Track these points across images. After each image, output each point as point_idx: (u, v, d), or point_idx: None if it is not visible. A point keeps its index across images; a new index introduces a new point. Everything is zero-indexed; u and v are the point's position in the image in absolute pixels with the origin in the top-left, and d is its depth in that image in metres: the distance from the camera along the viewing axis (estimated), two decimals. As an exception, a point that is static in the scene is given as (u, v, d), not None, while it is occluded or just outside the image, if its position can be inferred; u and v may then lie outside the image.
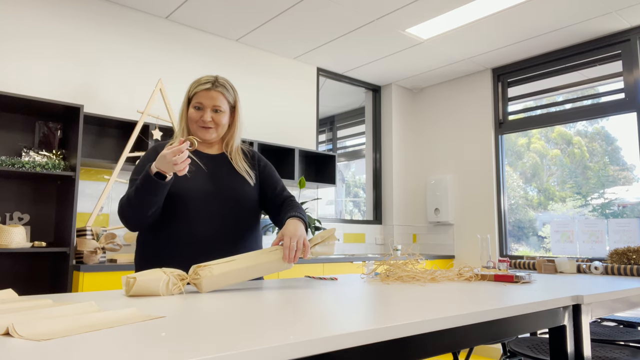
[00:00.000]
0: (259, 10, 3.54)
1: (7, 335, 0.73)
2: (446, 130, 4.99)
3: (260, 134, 4.13)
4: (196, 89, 1.64)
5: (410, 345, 0.92)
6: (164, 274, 1.21)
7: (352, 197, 6.01)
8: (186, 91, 1.69)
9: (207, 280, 1.26)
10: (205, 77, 1.67)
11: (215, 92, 1.64)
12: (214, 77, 1.67)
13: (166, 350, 0.65)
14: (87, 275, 2.63)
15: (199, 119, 1.64)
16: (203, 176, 1.64)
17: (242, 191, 1.66)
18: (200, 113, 1.64)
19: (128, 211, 1.52)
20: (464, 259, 4.68)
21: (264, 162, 1.81)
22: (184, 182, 1.58)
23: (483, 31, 3.86)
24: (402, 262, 1.77)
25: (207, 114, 1.63)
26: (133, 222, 1.55)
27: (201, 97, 1.63)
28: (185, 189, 1.58)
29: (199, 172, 1.64)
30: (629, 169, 3.90)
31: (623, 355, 1.75)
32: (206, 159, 1.68)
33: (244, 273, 1.34)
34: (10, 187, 2.92)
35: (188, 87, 1.69)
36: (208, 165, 1.67)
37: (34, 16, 3.12)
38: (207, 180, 1.63)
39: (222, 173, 1.68)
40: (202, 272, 1.26)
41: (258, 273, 1.38)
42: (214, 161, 1.70)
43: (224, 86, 1.67)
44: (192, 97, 1.66)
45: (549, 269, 2.37)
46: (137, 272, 1.21)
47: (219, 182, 1.65)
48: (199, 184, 1.61)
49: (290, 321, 0.88)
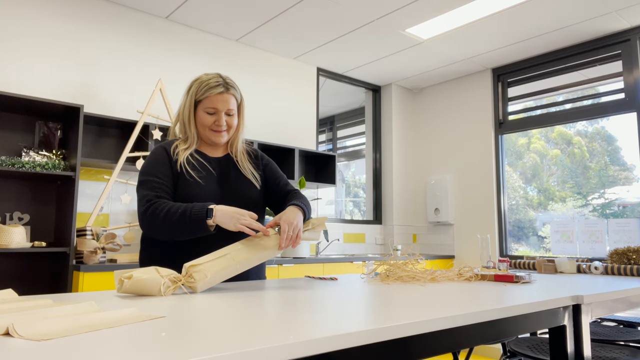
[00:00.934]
0: (259, 10, 3.54)
1: (7, 335, 0.73)
2: (446, 130, 4.99)
3: (260, 134, 4.13)
4: (207, 92, 1.58)
5: (410, 345, 0.92)
6: (160, 277, 1.21)
7: (352, 197, 6.01)
8: (190, 92, 1.63)
9: (202, 282, 1.26)
10: (213, 79, 1.61)
11: (228, 95, 1.61)
12: (222, 79, 1.62)
13: (166, 350, 0.65)
14: (87, 275, 2.63)
15: (213, 124, 1.61)
16: (213, 181, 1.63)
17: (250, 195, 1.67)
18: (213, 118, 1.61)
19: (159, 228, 1.45)
20: (464, 259, 4.68)
21: (266, 159, 1.81)
22: (196, 188, 1.57)
23: (483, 31, 3.86)
24: (402, 262, 1.77)
25: (222, 119, 1.60)
26: (154, 235, 1.50)
27: (215, 102, 1.59)
28: (197, 195, 1.56)
29: (209, 177, 1.63)
30: (629, 169, 3.90)
31: (623, 355, 1.75)
32: (214, 163, 1.67)
33: (237, 268, 1.35)
34: (10, 187, 2.92)
35: (192, 87, 1.63)
36: (216, 169, 1.66)
37: (34, 16, 3.12)
38: (216, 185, 1.63)
39: (230, 177, 1.67)
40: (197, 276, 1.26)
41: (249, 265, 1.39)
42: (221, 164, 1.69)
43: (233, 87, 1.64)
44: (201, 100, 1.60)
45: (549, 269, 2.37)
46: (132, 270, 1.21)
47: (228, 186, 1.65)
48: (209, 190, 1.59)
49: (290, 321, 0.88)
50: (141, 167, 1.62)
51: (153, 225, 1.46)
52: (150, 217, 1.46)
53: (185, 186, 1.56)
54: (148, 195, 1.50)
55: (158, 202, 1.48)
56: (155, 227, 1.46)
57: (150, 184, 1.53)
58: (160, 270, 1.23)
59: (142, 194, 1.52)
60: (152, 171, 1.56)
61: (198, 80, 1.64)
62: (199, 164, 1.63)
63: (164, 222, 1.44)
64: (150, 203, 1.47)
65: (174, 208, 1.44)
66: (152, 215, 1.45)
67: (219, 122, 1.61)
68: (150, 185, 1.53)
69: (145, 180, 1.54)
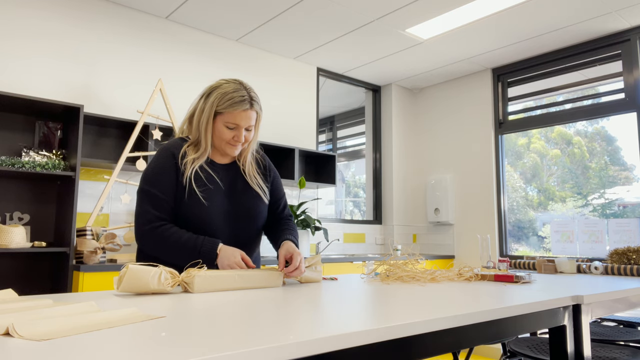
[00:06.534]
0: (259, 10, 3.54)
1: (7, 335, 0.73)
2: (446, 130, 4.99)
3: (260, 133, 4.12)
4: (231, 108, 1.53)
5: (410, 345, 0.92)
6: (158, 268, 1.21)
7: (352, 197, 6.01)
8: (211, 100, 1.55)
9: (200, 279, 1.27)
10: (238, 93, 1.54)
11: (252, 111, 1.57)
12: (247, 92, 1.55)
13: (166, 350, 0.65)
14: (87, 275, 2.63)
15: (231, 139, 1.57)
16: (220, 195, 1.60)
17: (255, 209, 1.66)
18: (233, 133, 1.56)
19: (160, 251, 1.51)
20: (464, 259, 4.68)
21: (274, 172, 1.80)
22: (203, 203, 1.54)
23: (483, 31, 3.86)
24: (402, 262, 1.77)
25: (242, 135, 1.57)
26: (150, 252, 1.54)
27: (238, 119, 1.54)
28: (205, 210, 1.55)
29: (216, 190, 1.59)
30: (629, 169, 3.90)
31: (623, 355, 1.75)
32: (220, 170, 1.64)
33: (236, 280, 1.36)
34: (10, 187, 2.92)
35: (212, 95, 1.55)
36: (224, 180, 1.63)
37: (34, 16, 3.12)
38: (223, 198, 1.60)
39: (237, 189, 1.64)
40: (194, 272, 1.28)
41: (250, 285, 1.39)
42: (228, 173, 1.66)
43: (257, 102, 1.59)
44: (222, 113, 1.54)
45: (549, 269, 2.37)
46: (129, 263, 1.20)
47: (235, 200, 1.62)
48: (217, 205, 1.57)
49: (290, 321, 0.88)
50: (145, 169, 1.60)
51: (155, 246, 1.51)
52: (154, 240, 1.50)
53: (191, 202, 1.54)
54: (150, 214, 1.51)
55: (162, 228, 1.50)
56: (157, 249, 1.52)
57: (153, 199, 1.52)
58: (160, 265, 1.24)
59: (145, 208, 1.52)
60: (156, 181, 1.54)
61: (220, 90, 1.55)
62: (207, 176, 1.59)
63: (171, 249, 1.49)
64: (153, 226, 1.50)
65: (182, 239, 1.48)
66: (158, 239, 1.50)
67: (238, 138, 1.57)
68: (153, 201, 1.52)
69: (148, 192, 1.53)
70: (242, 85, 1.57)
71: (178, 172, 1.55)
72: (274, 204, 1.77)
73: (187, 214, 1.54)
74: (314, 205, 4.45)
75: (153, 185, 1.53)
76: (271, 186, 1.77)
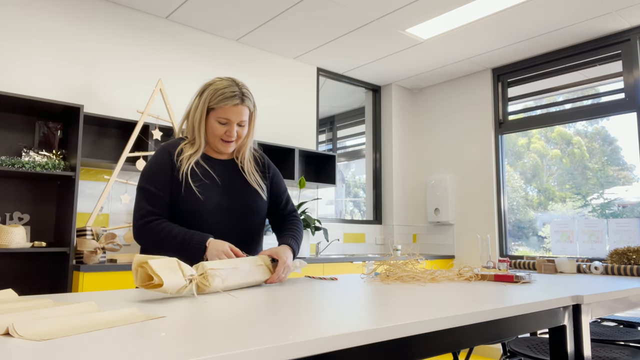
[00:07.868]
0: (259, 10, 3.54)
1: (7, 335, 0.73)
2: (446, 130, 4.99)
3: (260, 133, 4.13)
4: (222, 103, 1.56)
5: (410, 345, 0.92)
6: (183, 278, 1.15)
7: (352, 197, 6.01)
8: (204, 97, 1.58)
9: (213, 287, 1.25)
10: (229, 88, 1.57)
11: (243, 107, 1.59)
12: (239, 88, 1.59)
13: (166, 350, 0.65)
14: (87, 275, 2.63)
15: (224, 134, 1.60)
16: (217, 190, 1.61)
17: (253, 206, 1.66)
18: (225, 128, 1.59)
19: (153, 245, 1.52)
20: (464, 259, 4.68)
21: (273, 169, 1.80)
22: (199, 197, 1.56)
23: (483, 31, 3.86)
24: (402, 262, 1.77)
25: (233, 130, 1.59)
26: (145, 247, 1.56)
27: (229, 114, 1.57)
28: (200, 204, 1.56)
29: (213, 186, 1.61)
30: (628, 169, 3.90)
31: (623, 355, 1.75)
32: (217, 166, 1.66)
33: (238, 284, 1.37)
34: (10, 187, 2.92)
35: (205, 92, 1.59)
36: (220, 175, 1.64)
37: (34, 16, 3.12)
38: (221, 194, 1.61)
39: (236, 185, 1.65)
40: (214, 283, 1.24)
41: (247, 284, 1.41)
42: (226, 169, 1.67)
43: (248, 97, 1.61)
44: (214, 108, 1.57)
45: (549, 269, 2.37)
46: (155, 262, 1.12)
47: (233, 196, 1.63)
48: (213, 200, 1.59)
49: (290, 321, 0.88)
50: (144, 167, 1.63)
51: (148, 241, 1.54)
52: (146, 234, 1.53)
53: (187, 197, 1.55)
54: (144, 210, 1.54)
55: (155, 222, 1.53)
56: (150, 243, 1.54)
57: (148, 194, 1.55)
58: (182, 265, 1.18)
59: (140, 204, 1.56)
60: (152, 179, 1.57)
61: (212, 87, 1.59)
62: (203, 172, 1.61)
63: (162, 243, 1.50)
64: (146, 221, 1.53)
65: (173, 233, 1.50)
66: (150, 233, 1.52)
67: (230, 133, 1.59)
68: (148, 197, 1.55)
69: (144, 188, 1.57)
70: (235, 82, 1.61)
71: (174, 168, 1.58)
72: (276, 200, 1.77)
73: (184, 209, 1.55)
74: (314, 205, 4.45)
75: (148, 181, 1.57)
76: (272, 183, 1.77)
